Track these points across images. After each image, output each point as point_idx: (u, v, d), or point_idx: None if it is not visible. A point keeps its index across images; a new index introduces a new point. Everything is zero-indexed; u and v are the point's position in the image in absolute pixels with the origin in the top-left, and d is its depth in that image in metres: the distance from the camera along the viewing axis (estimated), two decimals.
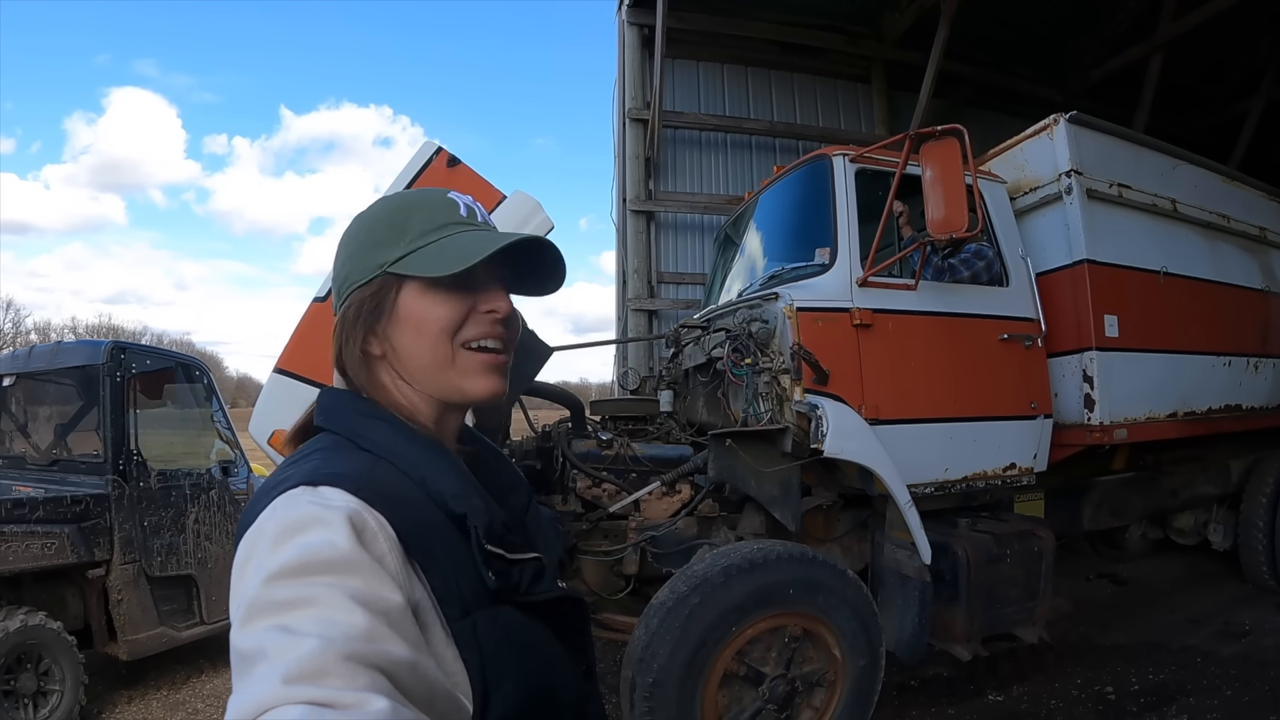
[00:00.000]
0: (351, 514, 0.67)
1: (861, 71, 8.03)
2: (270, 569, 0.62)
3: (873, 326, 3.34)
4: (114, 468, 4.19)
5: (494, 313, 0.84)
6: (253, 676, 0.55)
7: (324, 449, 0.79)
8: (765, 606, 2.92)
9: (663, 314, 7.13)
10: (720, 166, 7.61)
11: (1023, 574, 3.50)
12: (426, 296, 0.82)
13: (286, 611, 0.59)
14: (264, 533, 0.67)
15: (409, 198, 0.88)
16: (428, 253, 0.81)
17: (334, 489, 0.70)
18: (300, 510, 0.68)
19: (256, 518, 0.70)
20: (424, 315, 0.82)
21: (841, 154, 3.61)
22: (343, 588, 0.61)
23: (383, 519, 0.70)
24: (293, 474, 0.73)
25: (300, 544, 0.63)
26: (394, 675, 0.59)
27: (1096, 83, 8.24)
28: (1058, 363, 3.86)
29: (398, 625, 0.63)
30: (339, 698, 0.53)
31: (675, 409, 4.30)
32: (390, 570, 0.66)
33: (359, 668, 0.56)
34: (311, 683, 0.53)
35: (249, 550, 0.67)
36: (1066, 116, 3.94)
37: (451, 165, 3.37)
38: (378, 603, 0.62)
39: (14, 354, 5.19)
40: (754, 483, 3.18)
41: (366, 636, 0.59)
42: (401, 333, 0.83)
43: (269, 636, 0.57)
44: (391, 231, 0.83)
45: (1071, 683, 3.93)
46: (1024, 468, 3.68)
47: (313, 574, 0.61)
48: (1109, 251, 3.92)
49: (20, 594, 3.87)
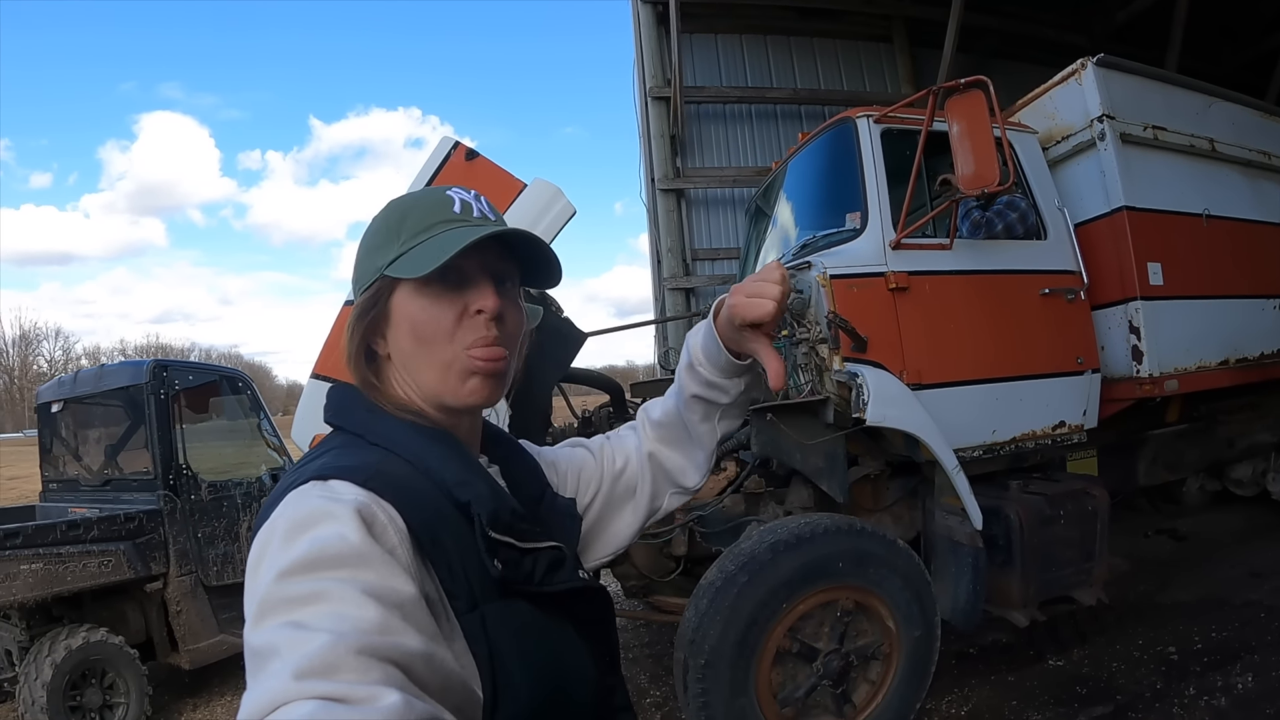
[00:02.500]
0: (361, 506, 0.67)
1: (882, 31, 7.87)
2: (282, 565, 0.62)
3: (909, 289, 3.26)
4: (164, 483, 4.30)
5: (481, 311, 0.82)
6: (265, 673, 0.55)
7: (336, 446, 0.80)
8: (815, 581, 2.89)
9: (700, 291, 7.09)
10: (747, 138, 7.53)
11: (1077, 534, 3.41)
12: (418, 298, 0.81)
13: (298, 607, 0.58)
14: (276, 529, 0.67)
15: (407, 200, 0.88)
16: (415, 254, 0.80)
17: (343, 482, 0.70)
18: (310, 505, 0.68)
19: (270, 516, 0.70)
20: (416, 317, 0.81)
21: (865, 115, 3.53)
22: (354, 581, 0.61)
23: (393, 510, 0.69)
24: (304, 472, 0.74)
25: (311, 539, 0.63)
26: (408, 668, 0.59)
27: (1123, 24, 7.98)
28: (1102, 315, 3.75)
29: (411, 617, 0.62)
30: (351, 692, 0.53)
31: None
32: (402, 561, 0.66)
33: (371, 661, 0.55)
34: (323, 678, 0.53)
35: (262, 547, 0.67)
36: (1094, 60, 3.80)
37: (470, 159, 3.37)
38: (390, 595, 0.62)
39: (60, 380, 5.33)
40: (799, 456, 3.15)
41: (379, 630, 0.58)
42: (397, 335, 0.83)
43: (281, 633, 0.57)
44: (388, 235, 0.83)
45: (1133, 644, 3.85)
46: (1074, 425, 3.58)
47: (324, 569, 0.61)
48: (1148, 197, 3.79)
49: (81, 612, 4.00)
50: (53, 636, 3.77)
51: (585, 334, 3.50)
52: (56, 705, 3.63)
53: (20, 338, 52.77)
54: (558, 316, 3.44)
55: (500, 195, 3.26)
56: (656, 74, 7.20)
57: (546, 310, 3.41)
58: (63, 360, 49.86)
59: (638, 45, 7.40)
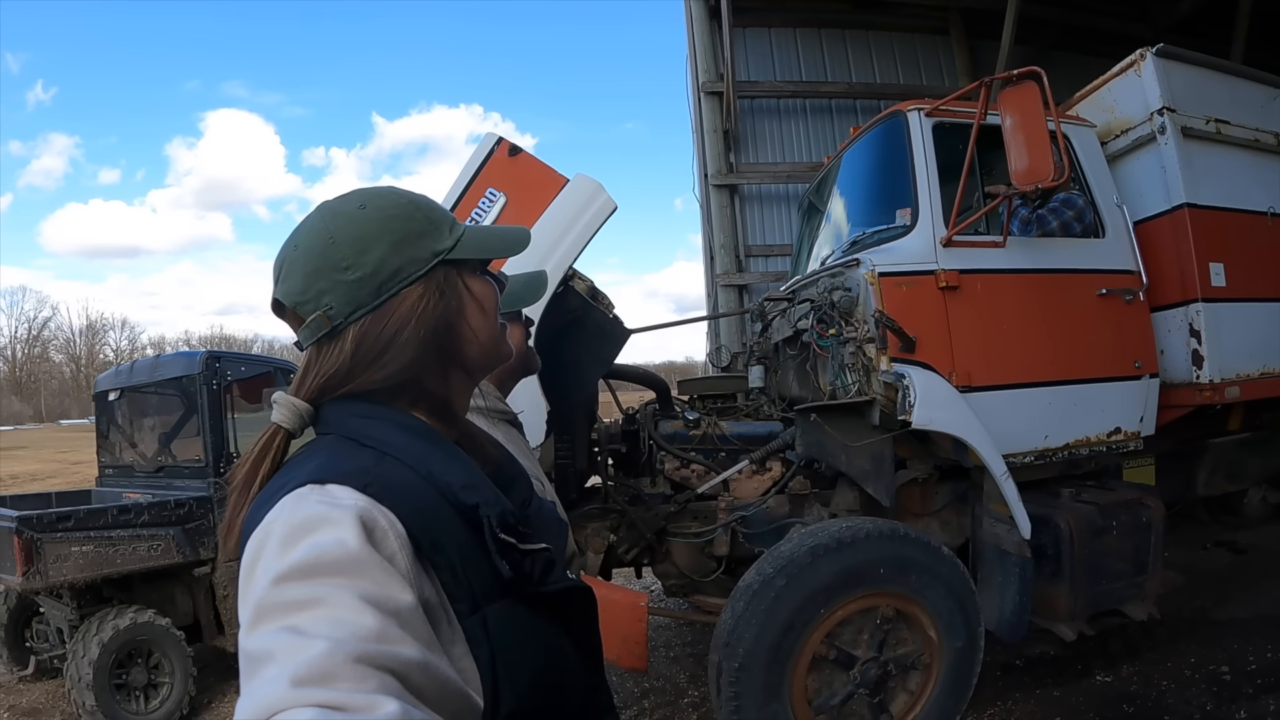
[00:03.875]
0: (361, 512, 0.66)
1: (939, 23, 7.71)
2: (279, 570, 0.61)
3: (960, 288, 3.18)
4: (215, 471, 4.41)
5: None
6: (261, 679, 0.54)
7: (326, 448, 0.77)
8: (855, 587, 2.85)
9: (753, 288, 7.03)
10: (800, 133, 7.46)
11: (1130, 546, 3.31)
12: (481, 279, 0.89)
13: (295, 613, 0.58)
14: (272, 533, 0.65)
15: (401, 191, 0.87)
16: (472, 239, 0.86)
17: (342, 487, 0.69)
18: (309, 510, 0.66)
19: (263, 519, 0.68)
20: (486, 294, 0.89)
21: (916, 108, 3.44)
22: (352, 589, 0.60)
23: (392, 516, 0.68)
24: (297, 474, 0.72)
25: (309, 544, 0.62)
26: (405, 676, 0.58)
27: (1187, 15, 7.69)
28: (1162, 317, 3.61)
29: (409, 625, 0.62)
30: (349, 700, 0.52)
31: (767, 384, 4.23)
32: (401, 569, 0.66)
33: (369, 670, 0.55)
34: (320, 685, 0.52)
35: (256, 551, 0.66)
36: (1154, 50, 3.66)
37: (513, 154, 3.38)
38: (388, 603, 0.61)
39: (117, 369, 5.51)
40: (844, 458, 3.11)
41: (376, 638, 0.58)
42: (474, 314, 0.86)
43: (278, 638, 0.56)
44: (426, 223, 0.84)
45: (1185, 661, 3.72)
46: (1130, 432, 3.45)
47: (322, 575, 0.60)
48: (1210, 193, 3.64)
49: (131, 594, 4.14)
50: (101, 616, 3.90)
51: (629, 331, 3.50)
52: (102, 682, 3.76)
53: (87, 327, 55.37)
54: (601, 313, 3.43)
55: (543, 191, 3.26)
56: (709, 69, 7.17)
57: (594, 306, 3.41)
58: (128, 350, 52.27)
59: (690, 40, 7.38)
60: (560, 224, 3.15)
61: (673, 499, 3.57)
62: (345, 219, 0.82)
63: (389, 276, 0.80)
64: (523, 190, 3.29)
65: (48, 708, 4.35)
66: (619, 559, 3.71)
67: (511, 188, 3.30)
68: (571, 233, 3.14)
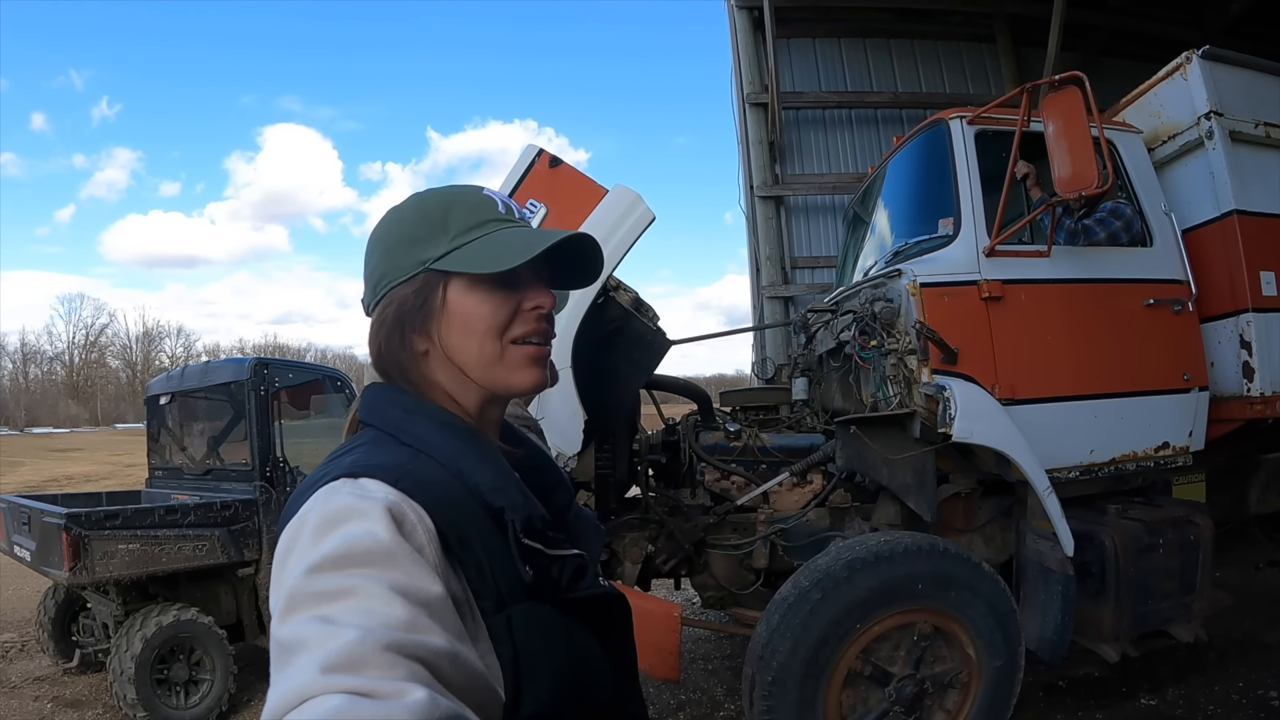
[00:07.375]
0: (391, 505, 0.68)
1: (984, 30, 7.61)
2: (311, 560, 0.63)
3: (1003, 299, 3.13)
4: (261, 474, 4.52)
5: (539, 308, 0.85)
6: (293, 667, 0.55)
7: (366, 443, 0.80)
8: (892, 602, 2.81)
9: (798, 300, 7.00)
10: (846, 144, 7.43)
11: (1177, 565, 3.21)
12: (473, 293, 0.82)
13: (327, 602, 0.59)
14: (306, 524, 0.67)
15: (444, 194, 0.88)
16: (472, 250, 0.82)
17: (374, 481, 0.71)
18: (341, 502, 0.68)
19: (298, 510, 0.71)
20: (472, 312, 0.82)
21: (958, 116, 3.40)
22: (383, 579, 0.61)
23: (421, 510, 0.70)
24: (334, 468, 0.74)
25: (341, 535, 0.64)
26: (434, 666, 0.59)
27: (1237, 17, 7.47)
28: (1211, 328, 3.50)
29: (438, 615, 0.63)
30: (378, 687, 0.53)
31: (811, 396, 4.22)
32: (430, 561, 0.67)
33: (398, 658, 0.56)
34: (350, 672, 0.53)
35: (290, 542, 0.68)
36: (1199, 52, 3.57)
37: (554, 165, 3.42)
38: (418, 593, 0.62)
39: (168, 374, 5.69)
40: (885, 471, 3.08)
41: (406, 627, 0.59)
42: (450, 329, 0.83)
43: (309, 627, 0.58)
44: (430, 228, 0.84)
45: (1232, 685, 3.63)
46: (1179, 447, 3.35)
47: (353, 565, 0.62)
48: (1261, 200, 3.53)
49: (176, 592, 4.26)
50: (145, 613, 4.01)
51: (670, 341, 3.52)
52: (143, 676, 3.85)
53: (144, 334, 57.16)
54: (642, 322, 3.45)
55: (582, 202, 3.30)
56: (754, 80, 7.16)
57: (635, 316, 3.43)
58: (183, 356, 53.78)
59: (734, 51, 7.38)
60: (599, 234, 3.18)
61: (712, 510, 3.56)
62: (378, 224, 0.90)
63: (379, 280, 0.86)
64: (563, 201, 3.33)
65: (90, 699, 4.48)
66: (657, 570, 3.71)
67: (552, 198, 3.35)
68: (610, 243, 3.16)
